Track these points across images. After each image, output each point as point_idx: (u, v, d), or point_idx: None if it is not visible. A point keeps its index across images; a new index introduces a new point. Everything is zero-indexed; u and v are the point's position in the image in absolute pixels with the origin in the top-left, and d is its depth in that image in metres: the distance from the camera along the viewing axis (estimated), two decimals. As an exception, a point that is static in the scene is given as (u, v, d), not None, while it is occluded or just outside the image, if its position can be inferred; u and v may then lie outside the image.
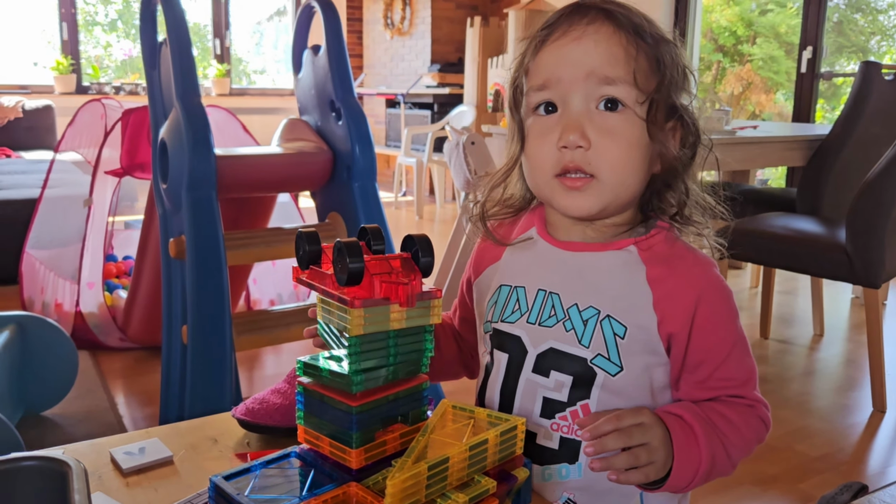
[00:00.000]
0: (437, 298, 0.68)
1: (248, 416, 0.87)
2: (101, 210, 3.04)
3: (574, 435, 0.74)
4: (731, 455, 0.73)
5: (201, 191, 1.81)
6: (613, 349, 0.73)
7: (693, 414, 0.72)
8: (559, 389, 0.75)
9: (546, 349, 0.75)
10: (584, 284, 0.76)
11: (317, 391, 0.67)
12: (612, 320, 0.73)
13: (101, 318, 2.96)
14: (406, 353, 0.67)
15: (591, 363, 0.73)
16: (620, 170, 0.72)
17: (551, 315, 0.76)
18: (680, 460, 0.70)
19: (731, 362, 0.74)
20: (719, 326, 0.74)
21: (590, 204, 0.73)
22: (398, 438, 0.68)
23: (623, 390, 0.74)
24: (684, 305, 0.73)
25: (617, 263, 0.76)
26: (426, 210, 6.02)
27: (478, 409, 0.71)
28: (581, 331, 0.74)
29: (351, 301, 0.63)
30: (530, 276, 0.79)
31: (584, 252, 0.77)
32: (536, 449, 0.76)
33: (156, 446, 0.85)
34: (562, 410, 0.75)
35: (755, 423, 0.75)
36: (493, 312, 0.81)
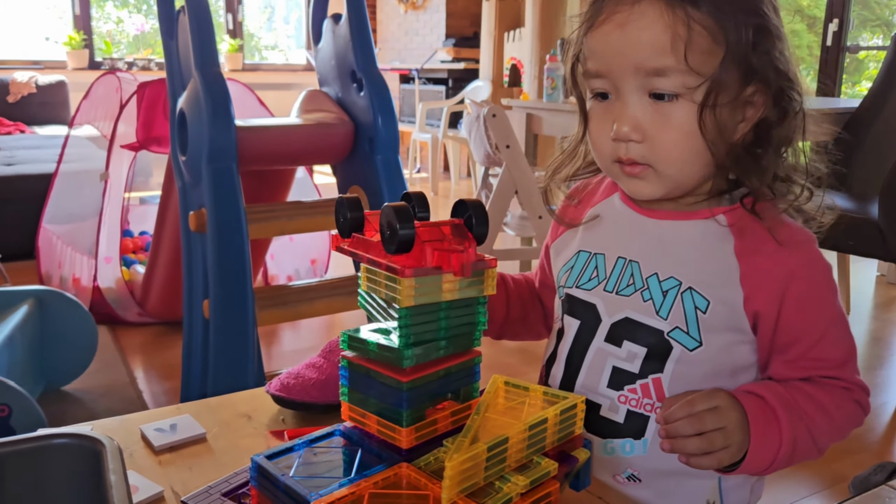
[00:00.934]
0: (492, 268, 0.63)
1: (283, 391, 0.83)
2: (118, 184, 3.01)
3: (643, 409, 0.71)
4: (818, 440, 0.68)
5: (222, 162, 1.77)
6: (693, 323, 0.69)
7: (776, 395, 0.67)
8: (631, 360, 0.71)
9: (621, 318, 0.72)
10: (665, 254, 0.72)
11: (363, 365, 0.63)
12: (694, 293, 0.69)
13: (118, 293, 2.94)
14: (458, 326, 0.63)
15: (667, 336, 0.70)
16: (676, 160, 0.68)
17: (629, 284, 0.72)
18: (757, 444, 0.66)
19: (826, 343, 0.69)
20: (814, 305, 0.69)
21: (651, 190, 0.70)
22: (449, 417, 0.63)
23: (700, 366, 0.69)
24: (775, 282, 0.68)
25: (702, 233, 0.71)
26: (441, 186, 5.97)
27: (533, 386, 0.67)
28: (659, 302, 0.70)
29: (401, 270, 0.59)
30: (611, 242, 0.76)
31: (667, 220, 0.73)
32: (600, 421, 0.72)
33: (187, 423, 0.81)
34: (631, 383, 0.71)
35: (850, 408, 0.70)
36: (567, 278, 0.77)
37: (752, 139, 0.70)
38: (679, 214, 0.73)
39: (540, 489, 0.59)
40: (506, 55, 5.67)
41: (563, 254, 0.81)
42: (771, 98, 0.69)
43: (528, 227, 3.08)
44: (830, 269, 0.70)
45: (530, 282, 0.90)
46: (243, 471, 0.70)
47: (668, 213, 0.73)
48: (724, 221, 0.71)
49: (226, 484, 0.69)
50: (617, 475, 0.73)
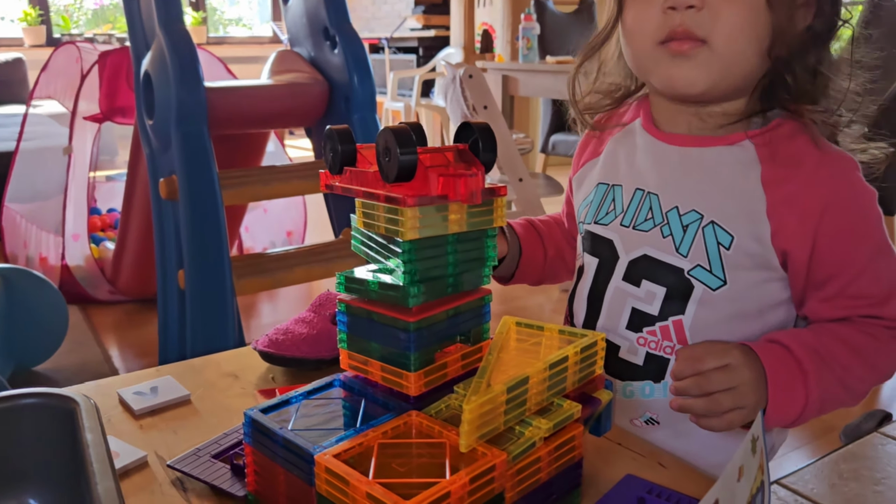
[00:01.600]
0: (500, 196, 0.57)
1: (271, 347, 0.77)
2: (82, 159, 2.90)
3: (662, 352, 0.66)
4: (854, 388, 0.64)
5: (192, 125, 1.68)
6: (717, 260, 0.63)
7: (804, 345, 0.62)
8: (650, 301, 0.66)
9: (639, 255, 0.67)
10: (686, 184, 0.66)
11: (363, 308, 0.57)
12: (717, 227, 0.64)
13: (88, 271, 2.84)
14: (467, 262, 0.57)
15: (688, 274, 0.64)
16: (737, 35, 0.61)
17: (648, 218, 0.67)
18: (777, 401, 0.61)
19: (866, 278, 0.63)
20: (852, 237, 0.63)
21: (697, 74, 0.62)
22: (460, 360, 0.58)
23: (724, 307, 0.64)
24: (806, 213, 0.62)
25: (727, 160, 0.65)
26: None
27: (547, 325, 0.62)
28: (680, 237, 0.65)
29: (403, 199, 0.53)
30: (629, 173, 0.70)
31: (689, 147, 0.67)
32: (619, 363, 0.68)
33: (169, 385, 0.75)
34: (651, 325, 0.66)
35: (892, 348, 0.64)
36: (586, 213, 0.73)
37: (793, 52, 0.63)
38: (703, 140, 0.67)
39: (563, 433, 0.55)
40: (477, 21, 5.57)
41: (583, 186, 0.76)
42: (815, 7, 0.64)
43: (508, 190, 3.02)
44: (874, 196, 0.63)
45: (559, 222, 0.86)
46: (234, 431, 0.64)
47: (691, 140, 0.67)
48: (751, 146, 0.65)
49: (215, 445, 0.63)
50: (634, 419, 0.70)
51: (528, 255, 0.81)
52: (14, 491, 0.50)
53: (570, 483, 0.56)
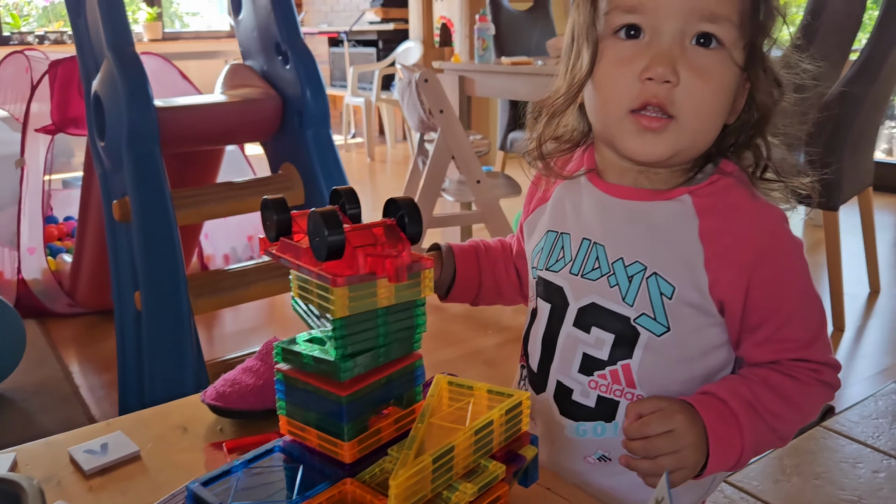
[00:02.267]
0: (428, 269, 0.60)
1: (219, 400, 0.80)
2: (36, 170, 2.86)
3: (612, 395, 0.70)
4: (783, 432, 0.68)
5: (143, 147, 1.68)
6: (660, 309, 0.67)
7: (739, 398, 0.66)
8: (599, 347, 0.70)
9: (588, 303, 0.70)
10: (630, 237, 0.69)
11: (299, 379, 0.60)
12: (659, 278, 0.67)
13: (46, 285, 2.81)
14: (397, 332, 0.61)
15: (634, 322, 0.68)
16: (706, 114, 0.65)
17: (595, 268, 0.70)
18: (716, 456, 0.65)
19: (795, 323, 0.68)
20: (781, 286, 0.67)
21: (663, 149, 0.66)
22: (393, 424, 0.61)
23: (669, 351, 0.68)
24: (740, 264, 0.66)
25: (668, 215, 0.69)
26: (377, 151, 5.89)
27: (476, 385, 0.65)
28: (625, 287, 0.68)
29: (333, 279, 0.56)
30: (576, 222, 0.74)
31: (633, 200, 0.70)
32: (573, 405, 0.72)
33: (119, 441, 0.77)
34: (601, 369, 0.70)
35: (816, 391, 0.68)
36: (538, 259, 0.76)
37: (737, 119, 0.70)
38: (645, 194, 0.70)
39: (489, 493, 0.58)
40: (435, 14, 5.57)
41: (534, 233, 0.79)
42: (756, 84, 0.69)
43: (466, 191, 3.05)
44: (800, 247, 0.68)
45: (507, 249, 0.89)
46: (179, 492, 0.67)
47: (634, 193, 0.71)
48: (690, 201, 0.69)
49: (163, 508, 0.65)
50: (588, 456, 0.73)
51: (462, 279, 0.84)
52: (-37, 576, 0.53)
53: (498, 538, 0.60)
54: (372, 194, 5.04)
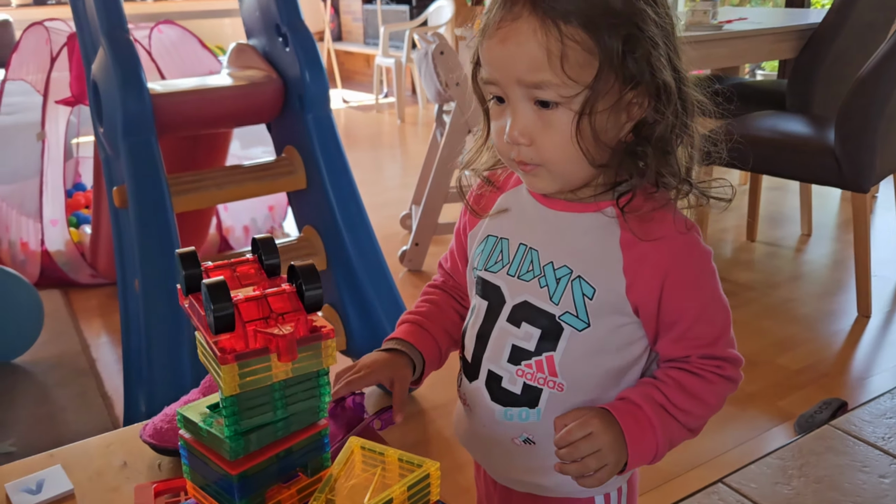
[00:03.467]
0: (328, 339, 0.58)
1: (155, 438, 0.80)
2: (56, 142, 2.90)
3: (537, 383, 0.77)
4: (692, 427, 0.76)
5: (138, 136, 1.68)
6: (582, 308, 0.75)
7: (650, 402, 0.75)
8: (528, 340, 0.77)
9: (521, 301, 0.78)
10: (561, 243, 0.77)
11: (197, 449, 0.59)
12: (583, 281, 0.75)
13: (69, 256, 2.87)
14: (297, 403, 0.59)
15: (559, 319, 0.76)
16: (561, 162, 0.73)
17: (529, 270, 0.78)
18: (634, 454, 0.73)
19: (703, 322, 0.76)
20: (690, 291, 0.75)
21: (546, 185, 0.75)
22: (295, 496, 0.60)
23: (588, 345, 0.76)
24: (653, 270, 0.74)
25: (594, 225, 0.76)
26: (408, 112, 5.83)
27: (388, 451, 0.63)
28: (553, 288, 0.76)
29: (222, 357, 0.54)
30: (514, 229, 0.81)
31: (565, 211, 0.78)
32: (501, 391, 0.79)
33: (56, 478, 0.78)
34: (528, 359, 0.77)
35: (720, 387, 0.77)
36: (479, 260, 0.83)
37: (635, 139, 0.74)
38: (574, 206, 0.78)
39: (385, 574, 0.57)
40: (468, -30, 5.43)
41: (476, 238, 0.86)
42: (651, 100, 0.72)
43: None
44: (709, 255, 0.76)
45: (444, 297, 0.93)
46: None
47: (564, 205, 0.78)
48: (612, 213, 0.76)
49: (79, 561, 0.66)
50: (515, 438, 0.80)
51: (430, 361, 0.88)
52: None
53: None
54: (402, 157, 5.01)
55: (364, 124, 5.78)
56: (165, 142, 1.87)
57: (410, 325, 0.88)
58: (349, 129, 5.55)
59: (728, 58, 2.94)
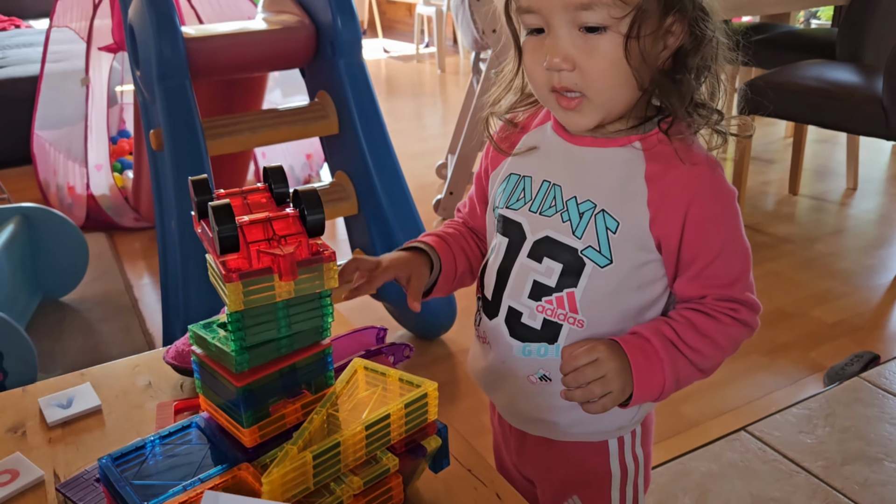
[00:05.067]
0: (330, 262, 0.60)
1: (177, 359, 0.84)
2: (100, 89, 2.96)
3: (557, 319, 0.78)
4: (703, 367, 0.76)
5: (173, 80, 1.71)
6: (605, 242, 0.75)
7: (660, 337, 0.74)
8: (549, 275, 0.78)
9: (542, 237, 0.78)
10: (584, 178, 0.78)
11: (207, 364, 0.62)
12: (606, 215, 0.75)
13: (113, 200, 2.96)
14: (301, 323, 0.61)
15: (581, 254, 0.76)
16: (607, 89, 0.72)
17: (552, 206, 0.79)
18: (640, 385, 0.73)
19: (721, 262, 0.76)
20: (711, 227, 0.75)
21: (585, 120, 0.75)
22: (299, 410, 0.63)
23: (609, 281, 0.76)
24: (677, 205, 0.74)
25: (619, 160, 0.76)
26: (449, 62, 5.78)
27: (390, 372, 0.66)
28: (576, 223, 0.76)
29: (226, 275, 0.57)
30: (538, 166, 0.82)
31: (590, 147, 0.78)
32: (520, 327, 0.80)
33: (85, 394, 0.83)
34: (548, 295, 0.78)
35: (734, 330, 0.76)
36: (500, 199, 0.84)
37: (672, 66, 0.75)
38: (601, 142, 0.78)
39: (380, 485, 0.60)
40: (511, -85, 5.29)
41: (498, 177, 0.86)
42: (687, 27, 0.73)
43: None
44: (733, 195, 0.76)
45: (464, 230, 0.94)
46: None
47: (591, 141, 0.78)
48: (639, 147, 0.76)
49: (102, 468, 0.70)
50: (531, 375, 0.81)
51: (446, 272, 0.89)
52: None
53: (392, 525, 0.62)
54: (442, 107, 4.98)
55: (404, 74, 5.76)
56: (201, 87, 1.90)
57: (433, 236, 0.90)
58: (390, 79, 5.53)
59: (777, 4, 2.84)
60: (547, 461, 0.86)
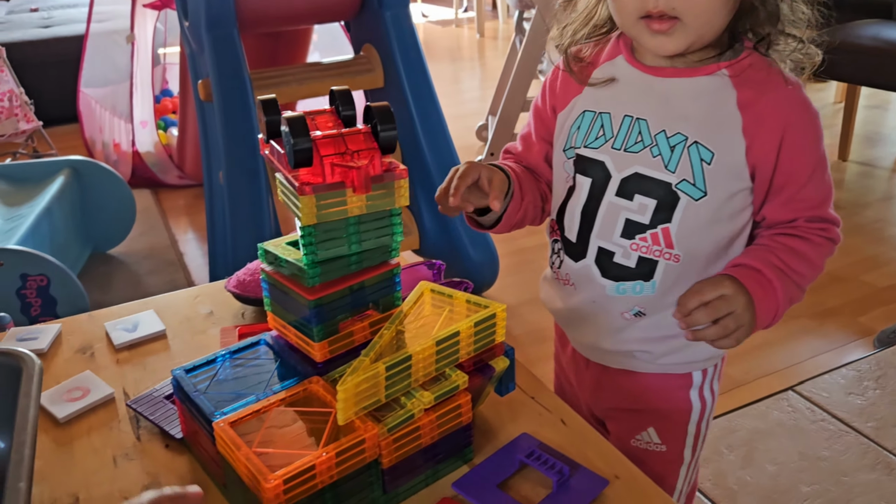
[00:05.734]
0: (402, 179, 0.60)
1: (239, 288, 0.85)
2: (145, 46, 2.97)
3: (652, 255, 0.77)
4: (803, 286, 0.77)
5: (222, 29, 1.71)
6: (699, 174, 0.74)
7: (770, 266, 0.74)
8: (642, 212, 0.77)
9: (631, 174, 0.77)
10: (671, 110, 0.76)
11: (278, 280, 0.63)
12: (700, 146, 0.74)
13: (158, 157, 2.99)
14: (371, 240, 0.61)
15: (675, 188, 0.75)
16: (705, 11, 0.71)
17: (637, 141, 0.77)
18: (761, 315, 0.73)
19: (812, 183, 0.76)
20: (805, 149, 0.75)
21: (675, 44, 0.73)
22: (368, 328, 0.63)
23: (704, 214, 0.75)
24: (773, 129, 0.73)
25: (706, 89, 0.75)
26: (488, 27, 5.71)
27: (457, 294, 0.66)
28: (668, 156, 0.75)
29: (300, 187, 0.57)
30: (616, 102, 0.80)
31: (672, 78, 0.77)
32: (613, 266, 0.79)
33: (150, 320, 0.84)
34: (642, 232, 0.77)
35: (826, 249, 0.77)
36: (576, 138, 0.82)
37: None
38: (684, 72, 0.76)
39: (450, 401, 0.60)
40: None
41: (569, 116, 0.84)
42: None
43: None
44: (818, 114, 0.76)
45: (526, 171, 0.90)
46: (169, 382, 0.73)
47: (674, 71, 0.76)
48: (726, 74, 0.75)
49: (170, 386, 0.72)
50: (625, 312, 0.80)
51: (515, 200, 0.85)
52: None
53: (460, 443, 0.62)
54: (481, 71, 4.94)
55: (443, 38, 5.70)
56: (247, 40, 1.90)
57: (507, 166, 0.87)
58: (428, 44, 5.48)
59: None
60: (627, 394, 0.86)
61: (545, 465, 0.61)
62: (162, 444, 0.66)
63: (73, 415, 0.70)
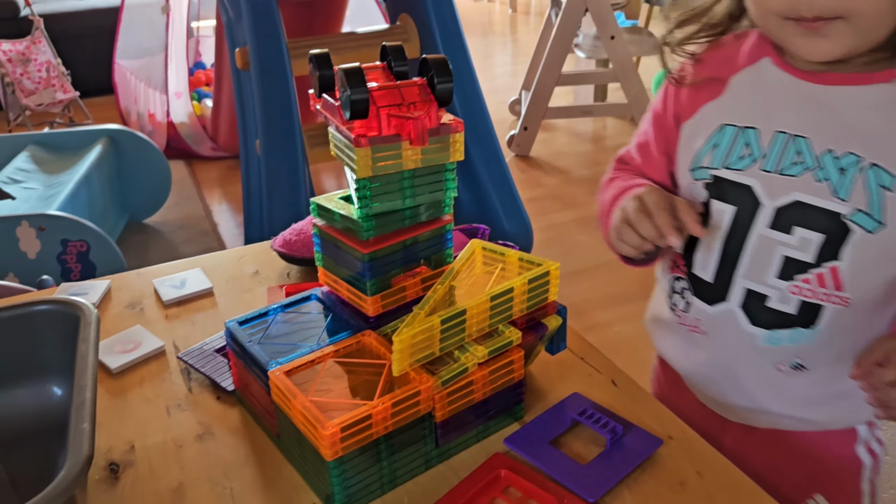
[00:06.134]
0: (457, 133, 0.59)
1: (285, 248, 0.85)
2: (180, 17, 2.99)
3: (818, 300, 0.65)
4: None
5: (261, -4, 1.71)
6: (876, 203, 0.62)
7: None
8: (804, 248, 0.65)
9: (789, 202, 0.65)
10: (839, 125, 0.63)
11: (330, 234, 0.63)
12: (879, 170, 0.61)
13: (192, 128, 3.01)
14: (425, 195, 0.61)
15: (846, 219, 0.63)
16: (873, 10, 0.59)
17: (796, 162, 0.64)
18: None
19: None
20: None
21: (834, 47, 0.61)
22: (419, 284, 0.63)
23: (879, 249, 0.63)
24: None
25: (884, 98, 0.62)
26: (520, 2, 5.65)
27: (509, 252, 0.65)
28: (836, 181, 0.63)
29: (356, 139, 0.57)
30: (764, 114, 0.67)
31: (839, 85, 0.64)
32: (766, 312, 0.68)
33: (197, 278, 0.85)
34: (804, 272, 0.65)
35: None
36: (713, 157, 0.69)
37: None
38: (855, 78, 0.63)
39: (502, 357, 0.59)
40: None
41: (701, 129, 0.71)
42: None
43: (600, 47, 2.90)
44: None
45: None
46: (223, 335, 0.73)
47: (839, 78, 0.63)
48: None
49: (220, 340, 0.72)
50: (780, 365, 0.69)
51: None
52: (38, 380, 0.62)
53: (511, 400, 0.62)
54: (512, 46, 4.89)
55: (475, 13, 5.65)
56: (284, 9, 1.89)
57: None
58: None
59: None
60: (780, 456, 0.74)
61: (598, 424, 0.60)
62: (213, 396, 0.67)
63: (126, 366, 0.71)
